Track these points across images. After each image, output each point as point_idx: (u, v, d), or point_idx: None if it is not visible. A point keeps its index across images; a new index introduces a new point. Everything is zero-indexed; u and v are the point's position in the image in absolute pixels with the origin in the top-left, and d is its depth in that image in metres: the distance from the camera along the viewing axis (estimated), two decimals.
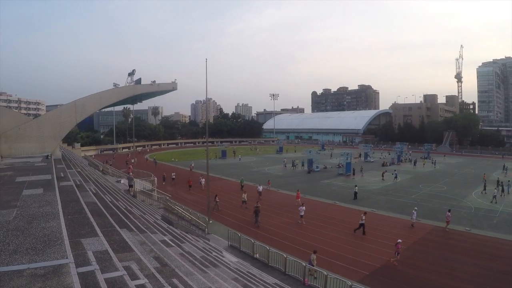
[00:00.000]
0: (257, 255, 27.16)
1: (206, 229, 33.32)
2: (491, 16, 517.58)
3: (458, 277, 25.44)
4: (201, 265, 15.11)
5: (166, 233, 20.10)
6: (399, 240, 26.29)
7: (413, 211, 36.80)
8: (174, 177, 60.98)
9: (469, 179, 70.89)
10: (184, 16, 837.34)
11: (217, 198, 44.74)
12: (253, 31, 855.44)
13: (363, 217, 33.36)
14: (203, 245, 23.96)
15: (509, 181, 58.62)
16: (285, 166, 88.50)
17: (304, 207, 37.06)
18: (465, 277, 25.45)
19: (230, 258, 24.15)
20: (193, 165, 79.88)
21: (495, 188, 54.07)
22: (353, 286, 20.17)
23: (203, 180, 54.35)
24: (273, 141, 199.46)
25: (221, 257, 22.01)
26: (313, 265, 22.30)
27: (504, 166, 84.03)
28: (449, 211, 36.19)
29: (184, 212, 34.50)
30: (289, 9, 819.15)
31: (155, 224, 21.88)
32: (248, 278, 17.55)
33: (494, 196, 50.08)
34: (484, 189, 56.17)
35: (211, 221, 37.15)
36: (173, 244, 17.12)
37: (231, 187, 59.14)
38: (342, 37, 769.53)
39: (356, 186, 53.50)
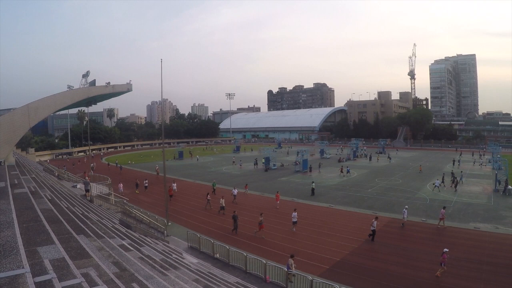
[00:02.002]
0: (218, 255, 27.04)
1: (165, 232, 32.85)
2: (443, 15, 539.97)
3: (416, 266, 26.27)
4: (161, 268, 14.93)
5: (125, 237, 19.73)
6: (446, 250, 24.27)
7: (404, 209, 37.17)
8: (146, 184, 57.52)
9: (424, 172, 73.63)
10: (140, 16, 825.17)
11: (208, 196, 45.55)
12: (210, 30, 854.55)
13: (375, 223, 31.64)
14: (162, 247, 23.70)
15: (461, 172, 61.26)
16: (234, 163, 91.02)
17: (296, 213, 34.85)
18: (423, 265, 26.29)
19: (190, 259, 23.96)
20: (158, 167, 78.22)
21: (436, 179, 57.15)
22: (314, 281, 20.34)
23: (174, 185, 53.08)
24: (230, 140, 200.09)
25: (181, 259, 21.83)
26: (291, 270, 22.28)
27: (453, 160, 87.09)
28: (443, 208, 36.70)
29: (142, 215, 33.83)
30: (246, 8, 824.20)
31: (113, 229, 21.42)
32: (209, 279, 17.49)
33: (437, 186, 53.99)
34: (443, 181, 58.30)
35: (170, 223, 36.55)
36: (132, 248, 16.86)
37: (194, 189, 58.41)
38: (299, 36, 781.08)
39: (313, 182, 54.48)
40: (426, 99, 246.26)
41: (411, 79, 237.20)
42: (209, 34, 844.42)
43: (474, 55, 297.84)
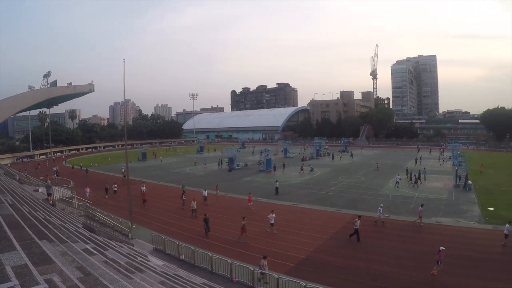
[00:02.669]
0: (183, 256, 26.75)
1: (130, 234, 32.09)
2: (406, 17, 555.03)
3: (380, 260, 26.71)
4: (126, 271, 14.57)
5: (88, 241, 19.15)
6: (442, 248, 23.99)
7: (379, 207, 37.28)
8: (115, 189, 55.29)
9: (386, 170, 75.20)
10: (103, 15, 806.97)
11: (184, 196, 46.14)
12: (174, 30, 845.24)
13: (358, 222, 31.26)
14: (127, 250, 23.13)
15: (424, 168, 62.93)
16: (196, 164, 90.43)
17: (274, 215, 34.28)
18: (386, 260, 26.81)
19: (155, 261, 23.60)
20: (124, 170, 75.83)
21: (398, 175, 58.63)
22: (280, 279, 20.40)
23: (144, 188, 51.61)
24: (193, 141, 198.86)
25: (146, 262, 21.42)
26: (264, 271, 22.04)
27: (416, 158, 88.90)
28: (421, 206, 37.08)
29: (105, 218, 33.01)
30: (210, 8, 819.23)
31: (76, 233, 20.72)
32: (175, 280, 17.23)
33: (398, 182, 55.46)
34: (410, 178, 59.48)
35: (134, 226, 35.63)
36: (96, 252, 16.35)
37: (159, 191, 57.50)
38: (263, 36, 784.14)
39: (277, 181, 54.52)
40: (388, 99, 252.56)
41: (373, 79, 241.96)
42: (173, 34, 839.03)
43: (435, 55, 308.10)
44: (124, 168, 72.89)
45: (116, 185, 55.62)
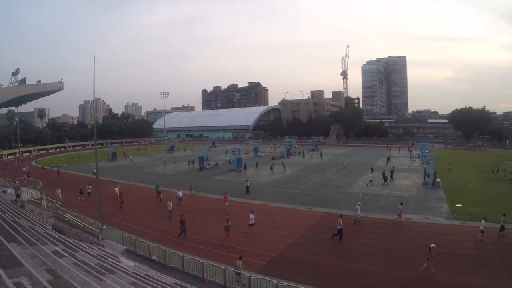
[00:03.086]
0: (154, 257, 26.35)
1: (100, 235, 31.33)
2: (377, 18, 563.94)
3: (351, 257, 27.04)
4: (97, 273, 14.42)
5: (58, 243, 18.94)
6: (433, 245, 24.09)
7: (357, 206, 37.43)
8: (89, 190, 52.82)
9: (356, 168, 76.53)
10: (74, 12, 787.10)
11: (161, 195, 46.11)
12: (145, 28, 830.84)
13: (341, 222, 30.92)
14: (98, 252, 22.90)
15: (393, 167, 63.87)
16: (165, 163, 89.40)
17: (253, 215, 33.64)
18: (358, 257, 27.13)
19: (126, 262, 23.28)
20: (95, 170, 73.53)
21: (371, 173, 59.54)
22: (252, 277, 20.47)
23: (117, 189, 50.30)
24: (163, 140, 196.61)
25: (117, 263, 21.23)
26: (240, 271, 21.84)
27: (388, 157, 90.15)
28: (401, 204, 37.35)
29: (75, 219, 32.27)
30: (182, 6, 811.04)
31: (45, 235, 20.56)
32: (147, 281, 17.10)
33: (370, 180, 56.08)
34: (384, 176, 60.08)
35: (104, 227, 34.80)
36: (66, 254, 16.18)
37: (130, 191, 55.75)
38: (235, 36, 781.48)
39: (247, 180, 54.59)
40: (358, 98, 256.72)
41: (343, 79, 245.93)
42: (144, 31, 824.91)
43: (405, 56, 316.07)
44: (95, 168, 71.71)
45: (90, 186, 53.95)
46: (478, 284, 22.39)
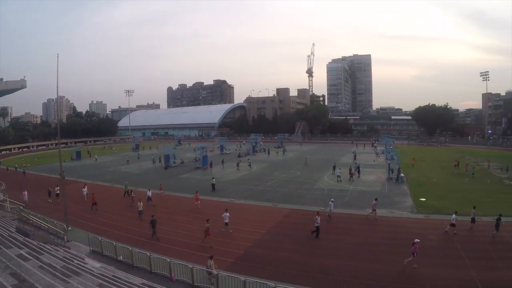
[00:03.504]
0: (121, 257, 25.78)
1: (65, 237, 30.28)
2: (343, 17, 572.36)
3: (319, 253, 27.21)
4: (62, 276, 14.14)
5: (23, 246, 18.85)
6: (417, 240, 24.40)
7: (330, 202, 37.44)
8: (58, 192, 51.12)
9: (321, 164, 76.99)
10: (38, 9, 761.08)
11: (132, 193, 45.16)
12: (110, 25, 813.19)
13: (318, 219, 30.78)
14: (63, 254, 22.55)
15: (354, 162, 64.76)
16: (128, 162, 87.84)
17: (228, 214, 33.10)
18: (325, 252, 27.35)
19: (93, 264, 22.83)
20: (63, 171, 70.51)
21: (339, 169, 60.01)
22: (220, 275, 20.42)
23: (85, 190, 48.46)
24: (128, 138, 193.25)
25: (83, 264, 20.86)
26: (211, 271, 21.43)
27: (354, 154, 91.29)
28: (375, 199, 37.45)
29: (40, 221, 31.15)
30: (148, 3, 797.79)
31: (9, 238, 20.35)
32: (114, 282, 16.92)
33: (339, 176, 56.84)
34: (333, 171, 62.03)
35: (70, 228, 33.57)
36: (30, 257, 15.95)
37: (96, 191, 53.90)
38: (200, 33, 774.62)
39: (213, 178, 54.40)
40: (323, 96, 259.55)
41: (309, 76, 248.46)
42: (109, 29, 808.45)
43: (370, 55, 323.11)
44: (48, 167, 69.61)
45: (58, 187, 52.13)
46: (445, 275, 22.93)
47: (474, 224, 31.66)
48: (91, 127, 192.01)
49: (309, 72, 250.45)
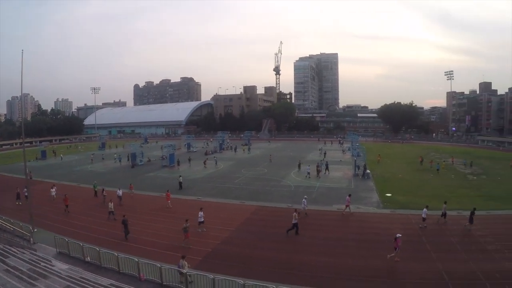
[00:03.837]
0: (89, 258, 25.11)
1: (31, 239, 29.21)
2: (311, 16, 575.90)
3: (286, 249, 27.23)
4: (29, 279, 13.81)
5: None
6: (399, 235, 24.77)
7: (304, 199, 37.30)
8: (26, 194, 48.12)
9: (288, 161, 77.55)
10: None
11: (104, 192, 44.12)
12: (76, 21, 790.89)
13: (297, 216, 30.59)
14: (29, 256, 22.23)
15: (321, 160, 65.31)
16: (92, 161, 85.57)
17: (202, 212, 32.46)
18: (293, 247, 27.43)
19: (60, 266, 22.45)
20: (30, 171, 67.11)
21: (308, 166, 60.70)
22: (188, 273, 20.35)
23: (53, 190, 46.43)
24: (95, 137, 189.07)
25: (50, 267, 20.59)
26: (184, 271, 20.96)
27: (324, 151, 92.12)
28: (349, 195, 37.64)
29: (4, 224, 29.96)
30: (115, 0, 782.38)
31: None
32: (82, 284, 16.88)
33: (308, 173, 57.62)
34: (299, 168, 62.73)
35: (36, 230, 32.28)
36: None
37: (64, 191, 51.29)
38: (168, 30, 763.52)
39: (180, 176, 53.65)
40: (290, 93, 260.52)
41: (276, 74, 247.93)
42: (75, 24, 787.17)
43: (337, 54, 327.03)
44: (28, 168, 66.55)
45: (26, 189, 49.89)
46: (413, 267, 23.59)
47: (445, 218, 32.50)
48: (57, 126, 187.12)
49: (277, 70, 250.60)
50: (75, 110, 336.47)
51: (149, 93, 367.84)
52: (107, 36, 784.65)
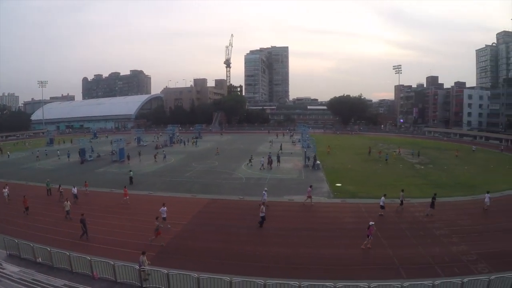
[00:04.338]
0: (40, 259, 24.00)
1: None
2: (261, 10, 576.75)
3: (237, 240, 27.35)
4: None
5: None
6: (372, 223, 25.22)
7: (264, 191, 36.62)
8: None
9: (239, 153, 78.05)
10: None
11: (61, 188, 41.88)
12: (22, 12, 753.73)
13: (264, 209, 30.51)
14: None
15: (269, 153, 65.67)
16: (38, 158, 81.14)
17: (165, 208, 31.25)
18: (244, 239, 27.61)
19: (11, 268, 21.45)
20: None
21: (262, 157, 61.28)
22: (142, 269, 20.01)
23: (6, 190, 43.27)
24: (43, 133, 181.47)
25: (1, 270, 20.03)
26: (145, 267, 20.27)
27: (271, 141, 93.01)
28: (310, 187, 37.78)
29: None
30: None
31: None
32: (34, 286, 16.48)
33: (262, 164, 58.20)
34: (250, 161, 62.67)
35: None
36: None
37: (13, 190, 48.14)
38: (117, 22, 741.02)
39: (130, 171, 52.03)
40: (241, 86, 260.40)
41: (227, 67, 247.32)
42: (20, 15, 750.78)
43: (287, 47, 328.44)
44: None
45: None
46: (365, 254, 24.23)
47: (402, 206, 33.87)
48: (3, 121, 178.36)
49: (227, 63, 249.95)
50: (22, 105, 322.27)
51: (98, 87, 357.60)
52: (53, 28, 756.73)
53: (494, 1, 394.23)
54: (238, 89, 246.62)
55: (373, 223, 25.37)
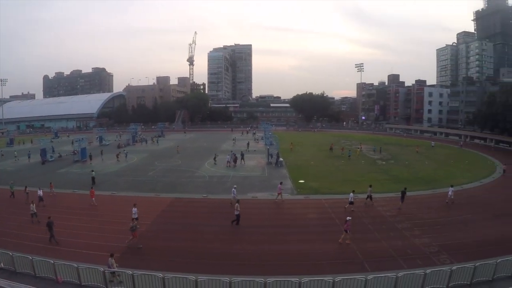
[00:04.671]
0: (2, 264, 23.00)
1: None
2: (225, 8, 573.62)
3: (203, 239, 27.16)
4: None
5: None
6: (349, 218, 25.42)
7: (233, 189, 36.72)
8: None
9: (202, 151, 77.43)
10: None
11: (27, 189, 40.22)
12: None
13: (238, 207, 30.20)
14: None
15: (246, 150, 65.39)
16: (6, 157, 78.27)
17: (136, 208, 30.59)
18: (209, 237, 27.42)
19: None
20: None
21: (228, 155, 60.89)
22: (106, 271, 19.61)
23: None
24: (2, 133, 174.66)
25: None
26: (113, 269, 19.63)
27: (234, 139, 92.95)
28: (280, 183, 38.19)
29: None
30: None
31: None
32: None
33: (228, 162, 58.09)
34: (214, 159, 62.11)
35: None
36: None
37: None
38: (78, 19, 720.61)
39: (92, 171, 50.65)
40: (204, 84, 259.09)
41: (190, 65, 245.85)
42: None
43: (250, 45, 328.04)
44: None
45: None
46: (328, 249, 24.81)
47: (371, 201, 34.82)
48: None
49: (190, 61, 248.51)
50: None
51: (59, 85, 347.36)
52: (10, 22, 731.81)
53: (455, 2, 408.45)
54: (201, 87, 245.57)
55: (350, 218, 25.63)
